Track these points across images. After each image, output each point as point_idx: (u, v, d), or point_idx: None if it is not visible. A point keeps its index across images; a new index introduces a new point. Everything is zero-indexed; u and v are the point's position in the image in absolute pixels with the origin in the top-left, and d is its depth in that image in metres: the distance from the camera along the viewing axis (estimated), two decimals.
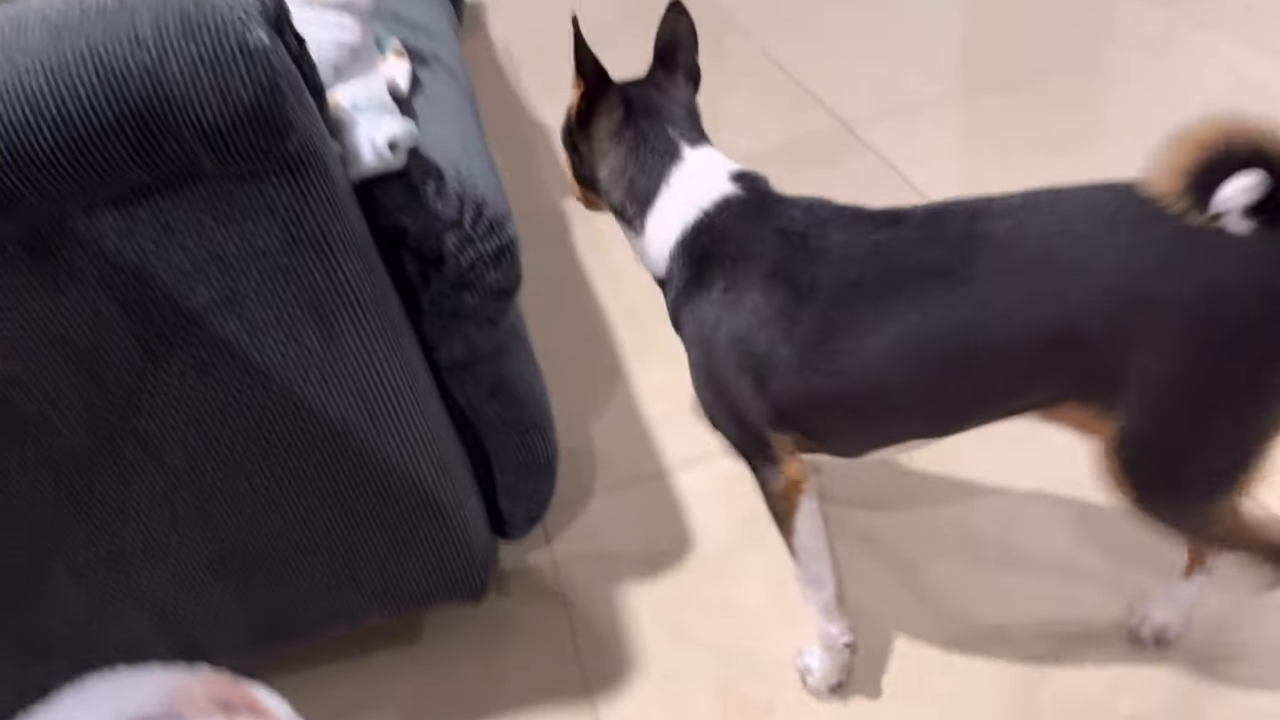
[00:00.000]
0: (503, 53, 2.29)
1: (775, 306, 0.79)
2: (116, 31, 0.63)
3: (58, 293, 0.71)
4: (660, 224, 0.86)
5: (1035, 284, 0.72)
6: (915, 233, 0.78)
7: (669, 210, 0.86)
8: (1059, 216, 0.73)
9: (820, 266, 0.79)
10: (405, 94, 0.91)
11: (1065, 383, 0.75)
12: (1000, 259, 0.73)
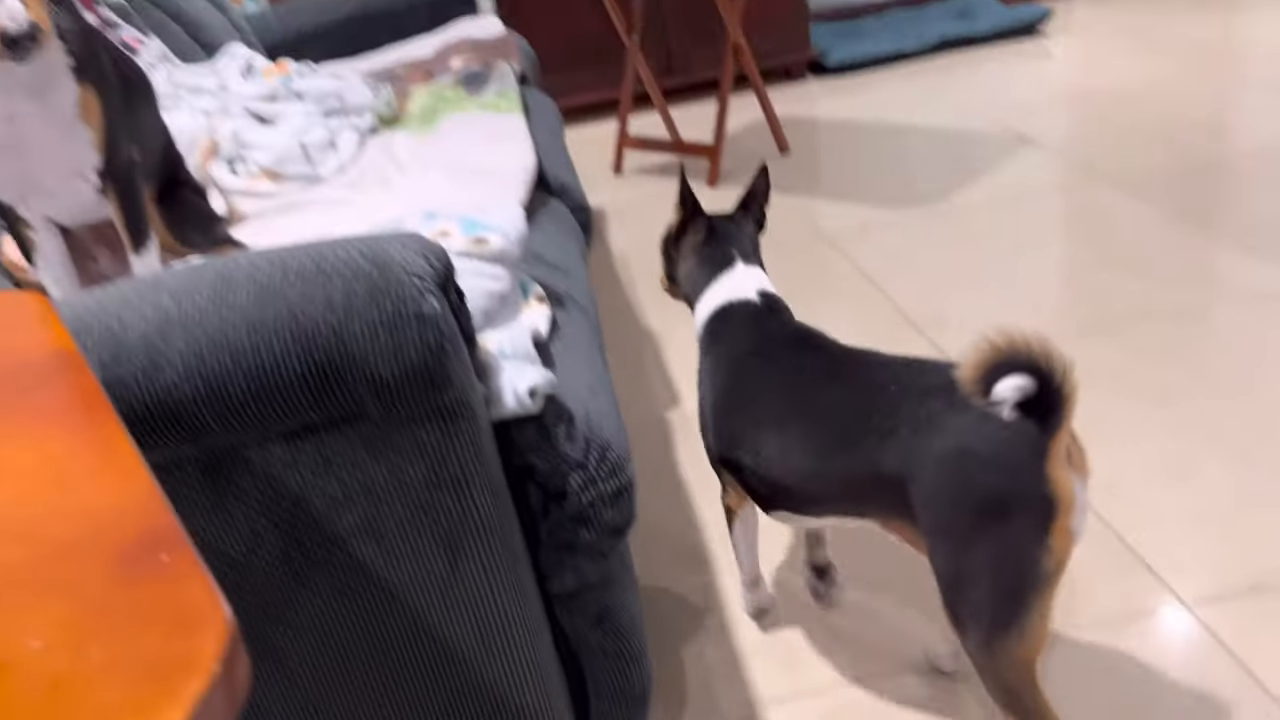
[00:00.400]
0: (619, 260, 2.43)
1: (724, 388, 1.11)
2: (313, 295, 0.72)
3: (224, 511, 0.79)
4: (703, 307, 1.19)
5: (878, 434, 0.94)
6: (830, 370, 1.04)
7: (710, 298, 1.18)
8: (921, 388, 0.94)
9: (762, 371, 1.08)
10: (544, 338, 0.99)
11: (888, 506, 0.96)
12: (867, 412, 0.96)
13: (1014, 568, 0.87)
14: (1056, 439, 0.84)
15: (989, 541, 0.87)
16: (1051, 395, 0.84)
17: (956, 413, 0.89)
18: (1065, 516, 0.85)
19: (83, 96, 0.95)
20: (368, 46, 2.44)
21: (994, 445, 0.87)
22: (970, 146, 2.76)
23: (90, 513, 0.35)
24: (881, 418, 0.94)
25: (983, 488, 0.87)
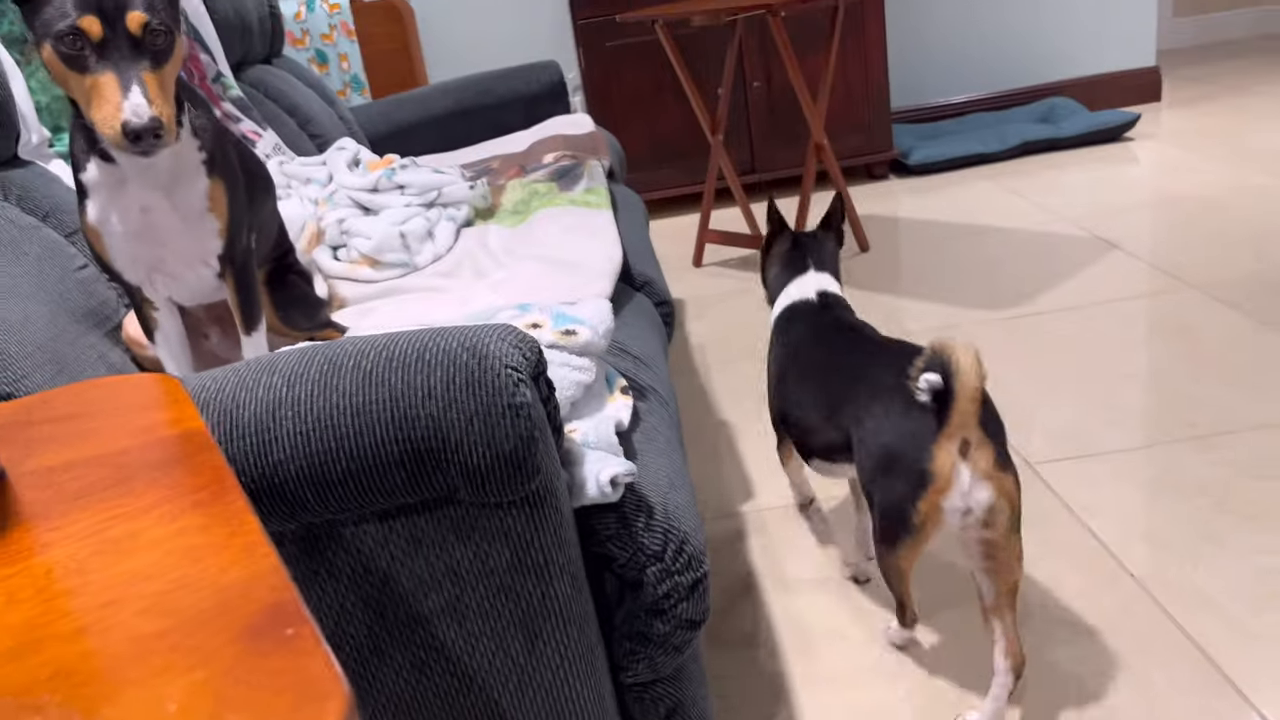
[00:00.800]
0: (697, 350, 2.47)
1: (781, 367, 1.42)
2: (413, 382, 0.76)
3: (316, 585, 0.82)
4: (778, 305, 1.50)
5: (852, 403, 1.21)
6: (846, 354, 1.30)
7: (783, 297, 1.49)
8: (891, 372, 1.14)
9: (810, 352, 1.37)
10: (626, 428, 1.01)
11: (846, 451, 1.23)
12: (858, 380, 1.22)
13: (892, 513, 1.11)
14: (947, 430, 1.05)
15: (881, 489, 1.13)
16: (950, 395, 1.03)
17: (896, 394, 1.12)
18: (937, 492, 1.06)
19: (212, 189, 1.03)
20: (466, 140, 2.56)
21: (901, 422, 1.10)
22: (1053, 250, 2.75)
23: (220, 586, 0.38)
24: (858, 388, 1.21)
25: (884, 449, 1.12)
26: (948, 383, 1.03)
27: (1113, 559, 1.47)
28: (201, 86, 1.89)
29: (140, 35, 0.90)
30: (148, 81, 0.89)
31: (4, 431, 0.56)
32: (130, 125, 0.87)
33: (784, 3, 2.46)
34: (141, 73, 0.89)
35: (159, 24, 0.91)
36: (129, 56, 0.89)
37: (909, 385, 1.08)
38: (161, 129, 0.89)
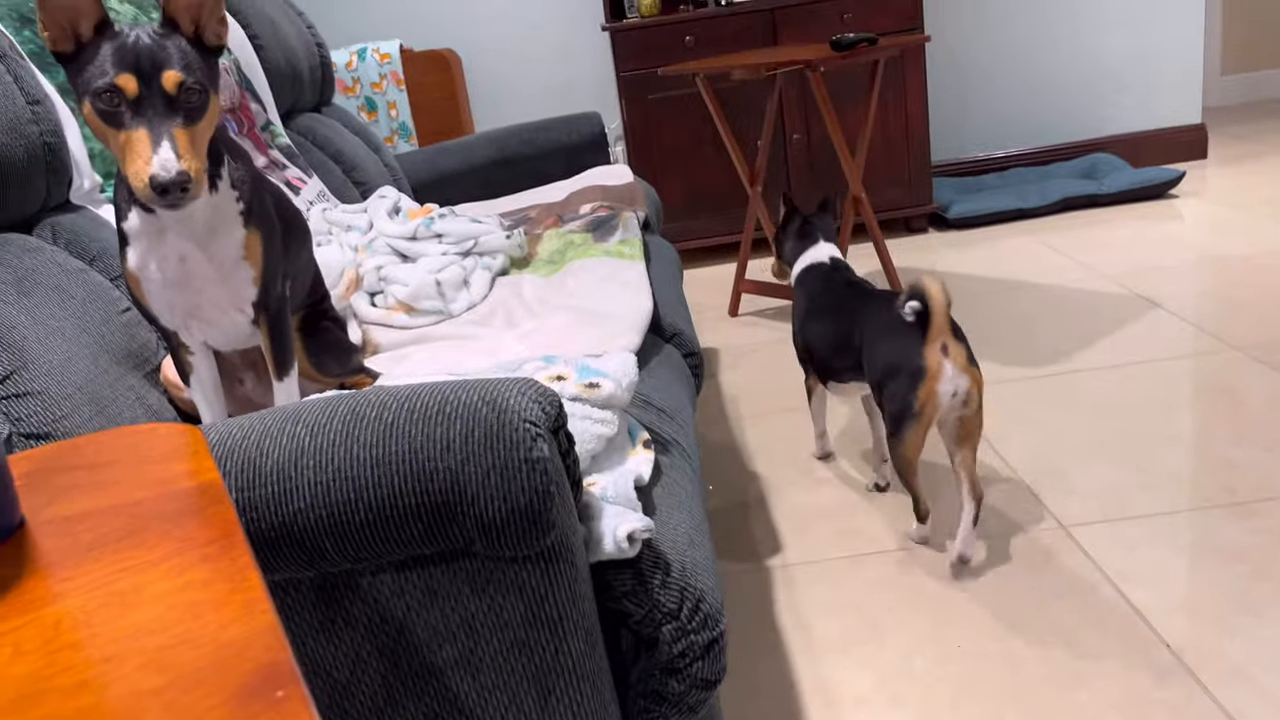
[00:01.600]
0: (729, 400, 2.46)
1: (804, 312, 1.88)
2: (433, 435, 0.77)
3: (332, 633, 0.83)
4: (797, 267, 1.95)
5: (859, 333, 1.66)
6: (853, 301, 1.74)
7: (799, 263, 1.94)
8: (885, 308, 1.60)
9: (823, 299, 1.84)
10: (646, 483, 1.02)
11: (857, 370, 1.67)
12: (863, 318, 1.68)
13: (899, 405, 1.53)
14: (930, 336, 1.50)
15: (888, 389, 1.56)
16: (928, 315, 1.49)
17: (887, 320, 1.57)
18: (931, 380, 1.50)
19: (248, 239, 1.06)
20: (508, 188, 2.60)
21: (898, 338, 1.54)
22: (1093, 308, 2.72)
23: (219, 644, 0.39)
24: (863, 323, 1.66)
25: (888, 359, 1.56)
26: (925, 305, 1.48)
27: (1148, 627, 1.44)
28: (250, 135, 1.95)
29: (175, 94, 0.93)
30: (179, 137, 0.92)
31: (32, 478, 0.58)
32: (158, 179, 0.89)
33: (823, 59, 2.49)
34: (173, 129, 0.92)
35: (194, 83, 0.94)
36: (162, 113, 0.92)
37: (899, 313, 1.52)
38: (189, 183, 0.91)
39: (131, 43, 0.93)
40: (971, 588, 1.58)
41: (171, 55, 0.94)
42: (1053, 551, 1.65)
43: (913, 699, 1.36)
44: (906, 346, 1.51)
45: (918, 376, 1.49)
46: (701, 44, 3.48)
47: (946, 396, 1.50)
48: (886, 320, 1.57)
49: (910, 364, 1.50)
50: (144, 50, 0.93)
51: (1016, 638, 1.45)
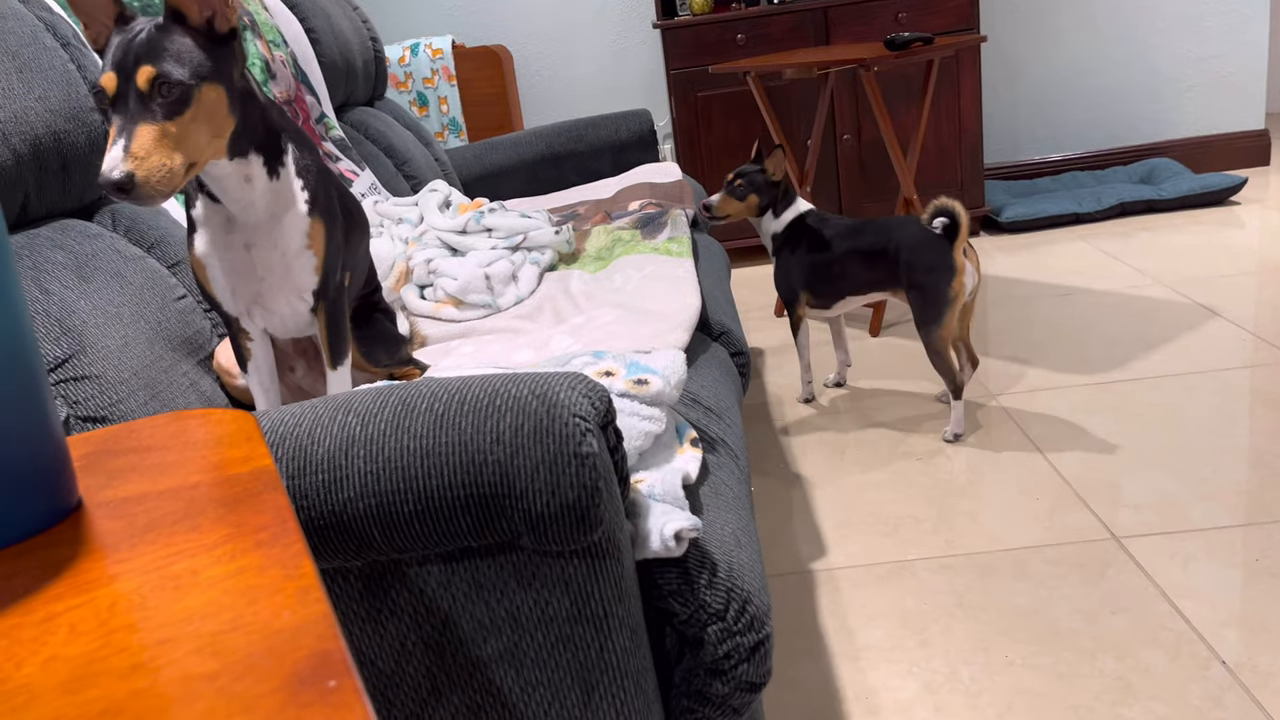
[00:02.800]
0: (774, 400, 2.45)
1: (811, 246, 2.17)
2: (483, 428, 0.77)
3: (378, 623, 0.83)
4: (787, 216, 2.21)
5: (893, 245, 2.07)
6: (869, 224, 2.13)
7: (789, 213, 2.21)
8: (889, 227, 2.10)
9: (840, 233, 2.14)
10: (693, 481, 1.01)
11: (893, 282, 2.08)
12: (897, 234, 2.07)
13: (937, 294, 1.99)
14: (957, 243, 1.96)
15: (929, 284, 2.00)
16: (954, 227, 1.95)
17: (922, 233, 2.01)
18: (961, 274, 1.97)
19: (312, 228, 1.07)
20: (557, 185, 2.60)
21: (933, 244, 1.99)
22: (1150, 315, 2.66)
23: (271, 630, 0.39)
24: (898, 238, 2.05)
25: (929, 261, 2.00)
26: (952, 219, 1.95)
27: (1203, 644, 1.40)
28: (305, 127, 1.97)
29: (146, 90, 0.90)
30: (141, 134, 0.89)
31: (89, 460, 0.58)
32: (101, 179, 0.87)
33: (878, 58, 2.46)
34: (139, 126, 0.89)
35: (174, 78, 0.91)
36: (132, 111, 0.90)
37: (929, 227, 1.98)
38: (133, 187, 0.88)
39: (128, 39, 0.92)
40: (1022, 599, 1.55)
41: (156, 50, 0.91)
42: (1106, 564, 1.61)
43: (958, 710, 1.33)
44: (942, 251, 1.98)
45: (953, 272, 1.97)
46: (752, 42, 3.46)
47: (966, 289, 2.01)
48: (920, 233, 2.01)
49: (946, 264, 1.97)
50: (135, 45, 0.91)
51: (1067, 651, 1.42)
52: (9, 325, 0.47)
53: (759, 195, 2.18)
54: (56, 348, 1.06)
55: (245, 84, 1.01)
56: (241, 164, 1.02)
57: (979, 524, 1.77)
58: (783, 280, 2.23)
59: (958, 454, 2.04)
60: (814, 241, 2.17)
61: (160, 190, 0.90)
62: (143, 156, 0.89)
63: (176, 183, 0.92)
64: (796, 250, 2.18)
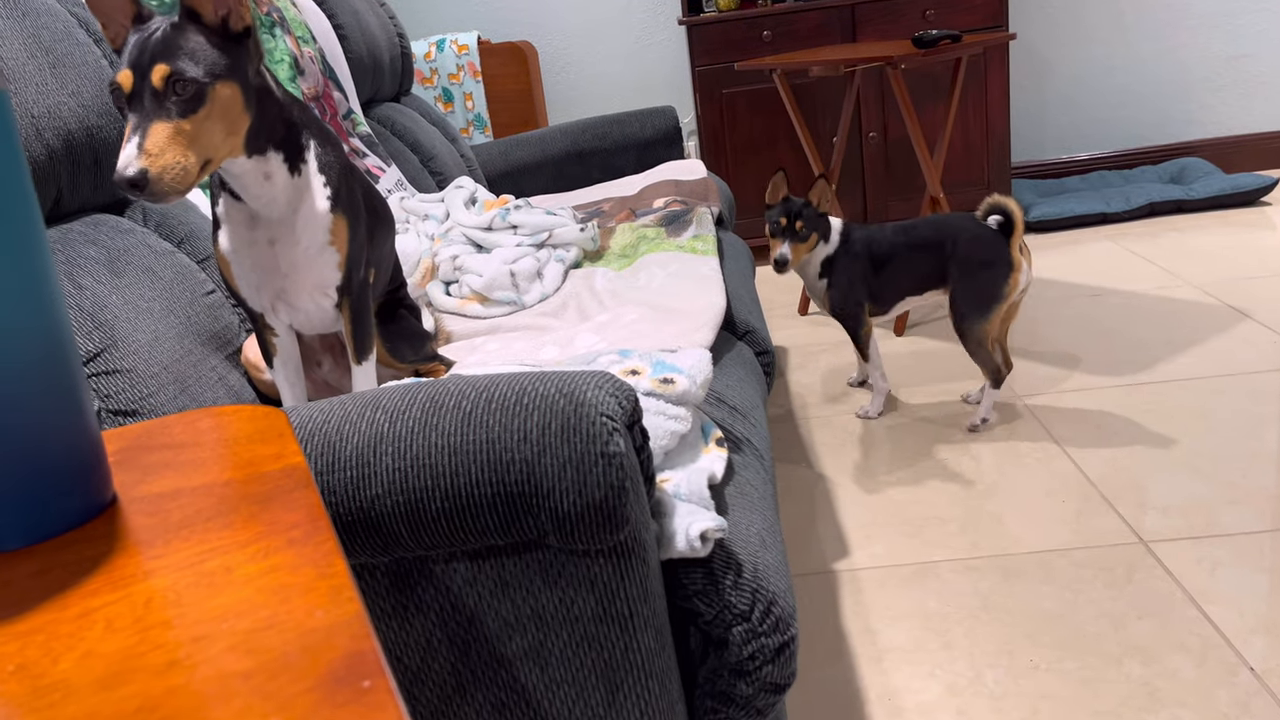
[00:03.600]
0: (797, 400, 2.44)
1: (870, 258, 2.13)
2: (510, 426, 0.77)
3: (404, 619, 0.83)
4: (831, 244, 2.13)
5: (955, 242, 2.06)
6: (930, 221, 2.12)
7: (834, 234, 2.14)
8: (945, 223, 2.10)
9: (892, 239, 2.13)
10: (718, 481, 1.00)
11: (944, 275, 2.08)
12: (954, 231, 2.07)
13: (991, 291, 2.01)
14: (1013, 240, 1.97)
15: (983, 279, 2.02)
16: (1010, 225, 1.97)
17: (978, 228, 2.02)
18: (1016, 271, 1.99)
19: (335, 224, 1.07)
20: (581, 182, 2.60)
21: (992, 241, 2.00)
22: (1179, 317, 2.63)
23: (305, 629, 0.39)
24: (955, 236, 2.05)
25: (984, 258, 2.01)
26: (1006, 217, 1.97)
27: (1231, 650, 1.38)
28: (332, 123, 1.98)
29: (161, 88, 0.90)
30: (156, 132, 0.89)
31: (124, 455, 0.59)
32: (116, 176, 0.88)
33: (905, 56, 2.44)
34: (153, 123, 0.90)
35: (191, 75, 0.91)
36: (148, 108, 0.90)
37: (985, 225, 2.01)
38: (147, 184, 0.88)
39: (144, 37, 0.92)
40: (1047, 602, 1.54)
41: (171, 48, 0.91)
42: (1133, 568, 1.60)
43: (981, 713, 1.33)
44: (999, 246, 1.99)
45: (1010, 267, 1.99)
46: (779, 39, 3.45)
47: (1022, 285, 2.02)
48: (976, 228, 2.02)
49: (1003, 259, 1.98)
50: (150, 44, 0.91)
51: (1092, 655, 1.41)
52: (48, 322, 0.47)
53: (818, 231, 2.10)
54: (89, 342, 1.07)
55: (262, 81, 1.01)
56: (260, 161, 1.02)
57: (1004, 526, 1.76)
58: (842, 299, 2.14)
59: (983, 455, 2.03)
60: (867, 250, 2.12)
61: (174, 187, 0.90)
62: (156, 154, 0.89)
63: (190, 180, 0.92)
64: (852, 265, 2.12)
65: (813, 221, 2.06)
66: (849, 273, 2.13)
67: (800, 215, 2.04)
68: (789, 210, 2.04)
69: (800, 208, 2.04)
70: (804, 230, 2.05)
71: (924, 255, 2.09)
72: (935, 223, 2.09)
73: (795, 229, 2.04)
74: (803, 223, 2.04)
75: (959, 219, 2.07)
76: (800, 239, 2.06)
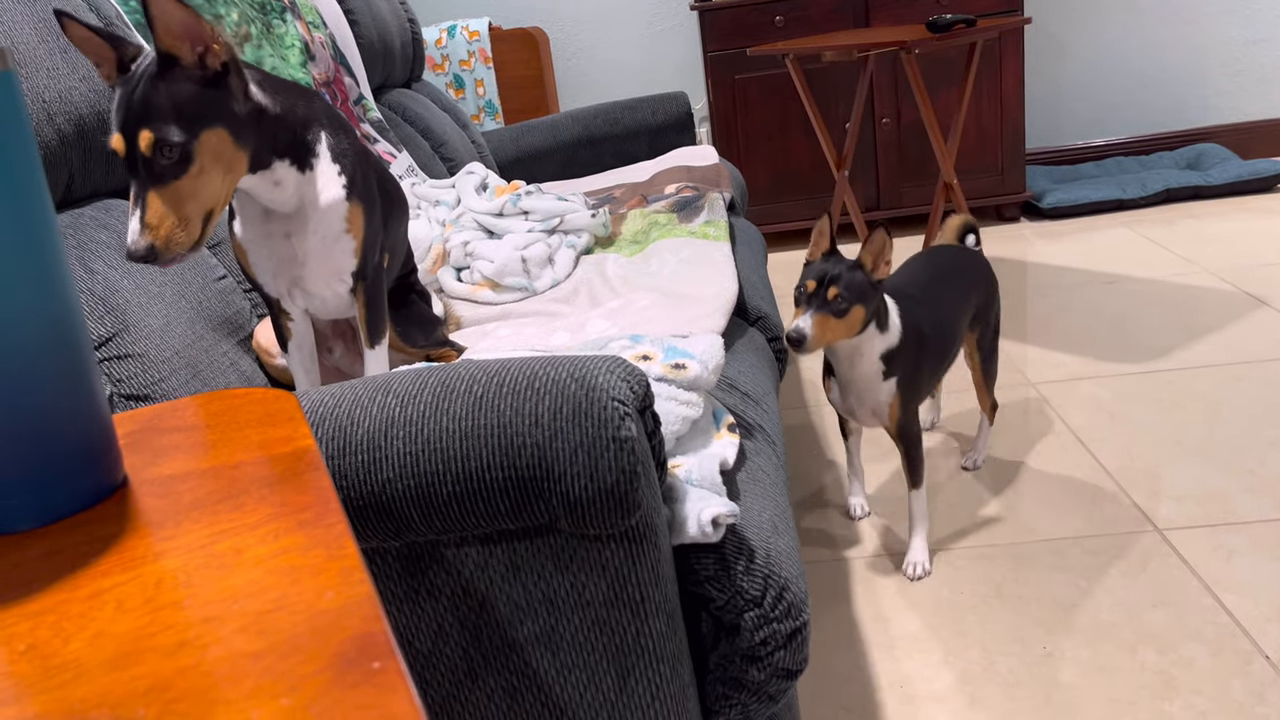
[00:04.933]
0: (809, 386, 2.43)
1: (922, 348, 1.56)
2: (522, 410, 0.77)
3: (415, 604, 0.83)
4: (893, 332, 1.51)
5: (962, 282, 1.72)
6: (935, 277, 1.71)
7: (891, 320, 1.52)
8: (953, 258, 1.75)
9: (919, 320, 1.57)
10: (730, 467, 1.00)
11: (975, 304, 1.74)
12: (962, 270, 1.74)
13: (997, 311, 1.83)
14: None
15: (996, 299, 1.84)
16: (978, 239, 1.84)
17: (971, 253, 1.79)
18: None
19: (350, 211, 1.07)
20: (593, 168, 2.59)
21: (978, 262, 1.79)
22: (1194, 304, 2.61)
23: (316, 610, 0.39)
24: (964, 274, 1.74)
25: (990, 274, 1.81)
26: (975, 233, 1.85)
27: (1247, 638, 1.37)
28: (343, 109, 1.98)
29: (150, 155, 0.89)
30: (153, 203, 0.89)
31: (136, 437, 0.59)
32: (129, 253, 0.88)
33: (919, 40, 2.42)
34: (149, 193, 0.89)
35: (174, 140, 0.89)
36: (142, 175, 0.89)
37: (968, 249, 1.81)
38: (156, 256, 0.88)
39: (127, 92, 0.90)
40: (1061, 590, 1.53)
41: (151, 109, 0.89)
42: (1148, 556, 1.59)
43: (994, 701, 1.32)
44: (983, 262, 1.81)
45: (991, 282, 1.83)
46: (791, 24, 3.43)
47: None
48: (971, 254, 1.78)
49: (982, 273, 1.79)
50: (134, 104, 0.89)
51: (1107, 644, 1.40)
52: (59, 306, 0.47)
53: (865, 305, 1.43)
54: (100, 326, 1.07)
55: (253, 104, 0.98)
56: (266, 174, 1.01)
57: (1017, 513, 1.75)
58: (913, 394, 1.56)
59: (997, 442, 2.02)
60: (921, 323, 1.57)
61: (181, 248, 0.91)
62: (156, 225, 0.89)
63: (195, 234, 0.92)
64: (921, 353, 1.56)
65: (857, 290, 1.40)
66: (913, 362, 1.54)
67: (837, 279, 1.40)
68: (824, 273, 1.41)
69: (847, 272, 1.41)
70: (839, 301, 1.40)
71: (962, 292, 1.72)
72: (942, 258, 1.75)
73: (827, 297, 1.40)
74: (838, 289, 1.39)
75: (949, 251, 1.78)
76: (834, 312, 1.40)
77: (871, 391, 1.53)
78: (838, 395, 1.60)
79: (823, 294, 1.40)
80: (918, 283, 1.65)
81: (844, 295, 1.39)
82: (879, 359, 1.50)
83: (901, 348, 1.51)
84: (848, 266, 1.41)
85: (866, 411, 1.57)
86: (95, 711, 0.34)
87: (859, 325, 1.44)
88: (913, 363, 1.53)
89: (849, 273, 1.40)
